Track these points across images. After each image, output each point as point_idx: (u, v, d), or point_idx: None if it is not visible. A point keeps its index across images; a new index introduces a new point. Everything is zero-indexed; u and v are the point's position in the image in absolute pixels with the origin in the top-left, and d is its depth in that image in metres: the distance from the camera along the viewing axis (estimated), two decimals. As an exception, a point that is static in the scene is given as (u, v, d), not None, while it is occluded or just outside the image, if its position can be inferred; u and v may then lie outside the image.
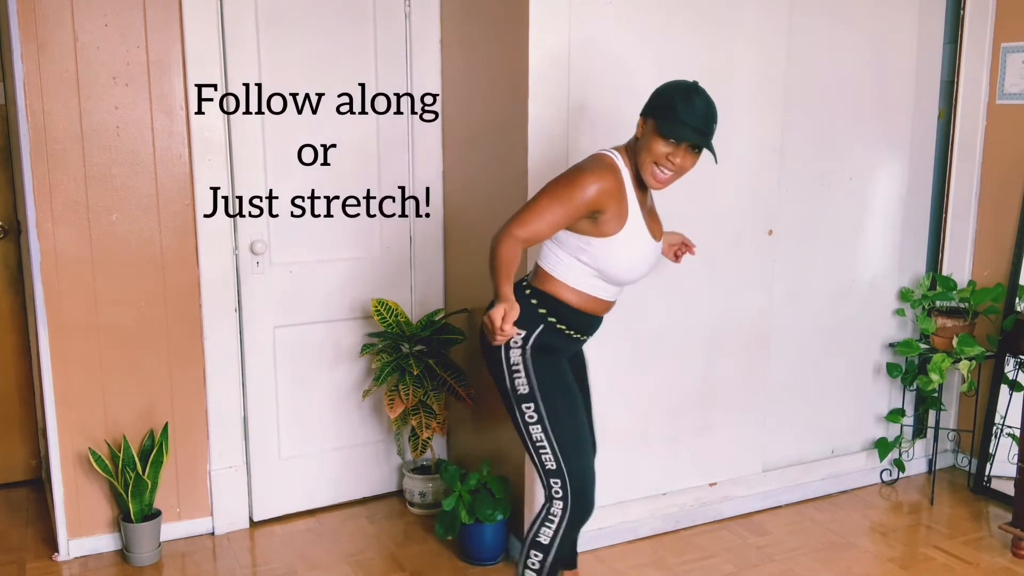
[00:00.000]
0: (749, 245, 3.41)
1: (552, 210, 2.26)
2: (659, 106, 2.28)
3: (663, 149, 2.26)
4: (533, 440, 2.38)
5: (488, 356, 2.44)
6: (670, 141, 2.25)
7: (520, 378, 2.38)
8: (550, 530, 2.38)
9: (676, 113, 2.23)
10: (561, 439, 2.37)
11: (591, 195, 2.26)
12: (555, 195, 2.27)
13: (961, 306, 3.70)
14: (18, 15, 2.86)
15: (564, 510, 2.37)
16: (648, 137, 2.28)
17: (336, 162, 3.41)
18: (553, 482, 2.38)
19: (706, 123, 2.26)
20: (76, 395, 3.13)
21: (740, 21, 3.24)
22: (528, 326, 2.37)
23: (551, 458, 2.37)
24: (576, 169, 2.31)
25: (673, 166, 2.28)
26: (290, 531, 3.44)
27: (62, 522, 3.17)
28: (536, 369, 2.37)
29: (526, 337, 2.37)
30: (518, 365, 2.38)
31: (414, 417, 3.40)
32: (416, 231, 3.62)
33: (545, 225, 2.26)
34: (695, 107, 2.24)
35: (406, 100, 3.49)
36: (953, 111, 3.86)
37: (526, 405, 2.38)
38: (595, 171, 2.28)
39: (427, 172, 3.58)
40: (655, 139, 2.27)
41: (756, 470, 3.62)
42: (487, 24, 3.16)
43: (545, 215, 2.26)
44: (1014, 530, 3.25)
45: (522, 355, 2.37)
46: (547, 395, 2.37)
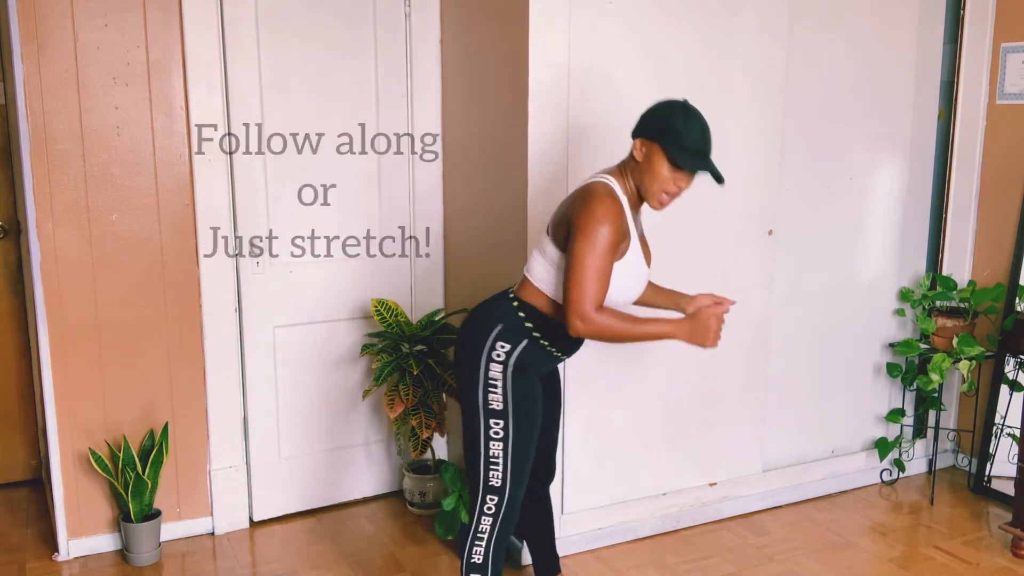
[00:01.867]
0: (749, 245, 3.41)
1: (598, 268, 2.21)
2: (661, 131, 2.24)
3: (672, 179, 2.25)
4: (488, 455, 2.36)
5: (463, 366, 2.39)
6: (681, 171, 2.24)
7: (495, 394, 2.34)
8: (480, 547, 2.40)
9: (682, 139, 2.22)
10: (516, 461, 2.36)
11: (615, 235, 2.22)
12: (591, 255, 2.20)
13: (961, 306, 3.70)
14: (18, 15, 2.86)
15: (494, 527, 2.39)
16: (654, 163, 2.25)
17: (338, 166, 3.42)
18: (490, 498, 2.38)
19: (709, 146, 2.27)
20: (76, 395, 3.13)
21: (740, 21, 3.24)
22: (513, 340, 2.34)
23: (499, 476, 2.36)
24: (589, 215, 2.22)
25: (679, 191, 2.29)
26: (290, 531, 3.44)
27: (62, 522, 3.17)
28: (514, 388, 2.34)
29: (510, 352, 2.33)
30: (496, 381, 2.34)
31: (414, 417, 3.40)
32: (416, 231, 3.62)
33: (601, 284, 2.22)
34: (697, 131, 2.23)
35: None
36: (953, 111, 3.86)
37: (495, 421, 2.34)
38: (608, 211, 2.22)
39: (427, 173, 3.58)
40: (663, 166, 2.24)
41: (756, 470, 3.62)
42: (487, 24, 3.16)
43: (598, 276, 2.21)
44: (1014, 530, 3.25)
45: (503, 371, 2.33)
46: (519, 417, 2.35)
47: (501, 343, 2.33)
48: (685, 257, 3.27)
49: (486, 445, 2.36)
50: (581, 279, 2.20)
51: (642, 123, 2.30)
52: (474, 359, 2.35)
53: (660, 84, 3.14)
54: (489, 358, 2.34)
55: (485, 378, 2.34)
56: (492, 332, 2.35)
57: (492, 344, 2.34)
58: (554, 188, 2.99)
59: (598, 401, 3.20)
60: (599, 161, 3.06)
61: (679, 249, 3.25)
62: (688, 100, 2.31)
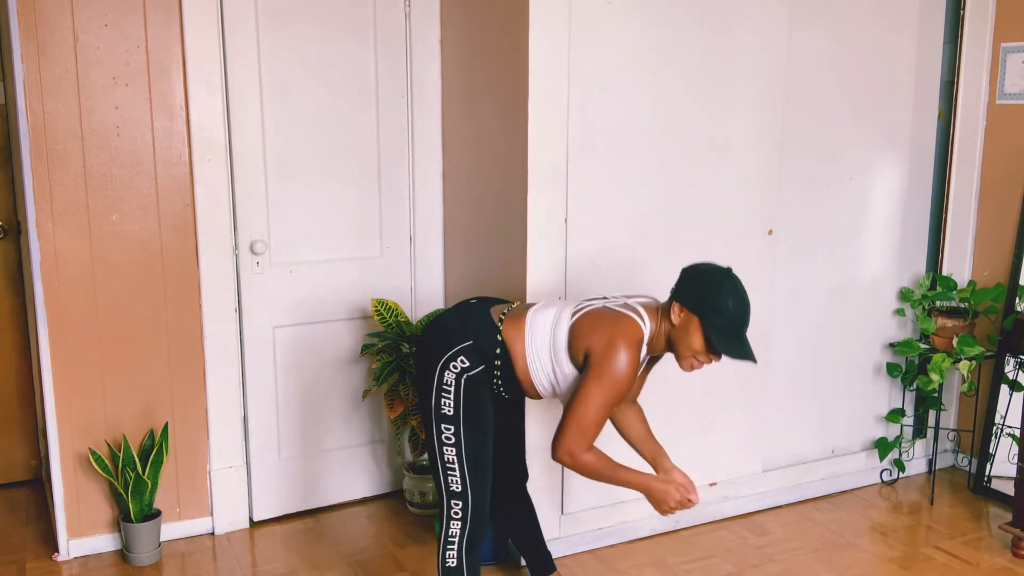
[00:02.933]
0: (749, 245, 3.41)
1: (602, 414, 2.26)
2: (701, 306, 2.26)
3: (703, 350, 2.28)
4: (444, 460, 2.39)
5: (421, 367, 2.43)
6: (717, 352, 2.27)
7: (447, 399, 2.37)
8: (453, 550, 2.42)
9: (721, 320, 2.24)
10: (472, 465, 2.39)
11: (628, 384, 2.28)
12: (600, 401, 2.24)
13: (961, 306, 3.70)
14: (18, 15, 2.86)
15: (463, 530, 2.41)
16: (691, 334, 2.27)
17: (337, 165, 3.42)
18: (454, 503, 2.41)
19: (747, 326, 2.30)
20: (76, 395, 3.13)
21: (741, 20, 3.24)
22: (473, 363, 2.36)
23: (458, 480, 2.39)
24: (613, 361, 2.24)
25: (709, 362, 2.32)
26: (290, 531, 3.44)
27: (62, 522, 3.17)
28: (465, 398, 2.37)
29: (466, 369, 2.36)
30: (449, 387, 2.37)
31: (414, 417, 3.40)
32: (416, 231, 3.62)
33: (599, 428, 2.27)
34: (738, 311, 2.26)
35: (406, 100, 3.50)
36: (953, 111, 3.86)
37: (446, 426, 2.38)
38: (630, 362, 2.25)
39: (427, 173, 3.59)
40: (698, 340, 2.27)
41: (756, 470, 3.62)
42: (487, 24, 3.16)
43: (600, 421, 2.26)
44: (1014, 530, 3.25)
45: (456, 380, 2.37)
46: (468, 423, 2.38)
47: (463, 358, 2.36)
48: (685, 257, 3.27)
49: (440, 450, 2.39)
50: (583, 421, 2.25)
51: (683, 288, 2.32)
52: (432, 361, 2.39)
53: (660, 84, 3.14)
54: (446, 365, 2.37)
55: (439, 382, 2.37)
56: (459, 344, 2.37)
57: (454, 354, 2.37)
58: (554, 187, 2.99)
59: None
60: (599, 160, 3.07)
61: (679, 249, 3.25)
62: (732, 270, 2.33)
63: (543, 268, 3.01)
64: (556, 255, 3.03)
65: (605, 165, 3.10)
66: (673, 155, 3.21)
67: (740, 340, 2.28)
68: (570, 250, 3.04)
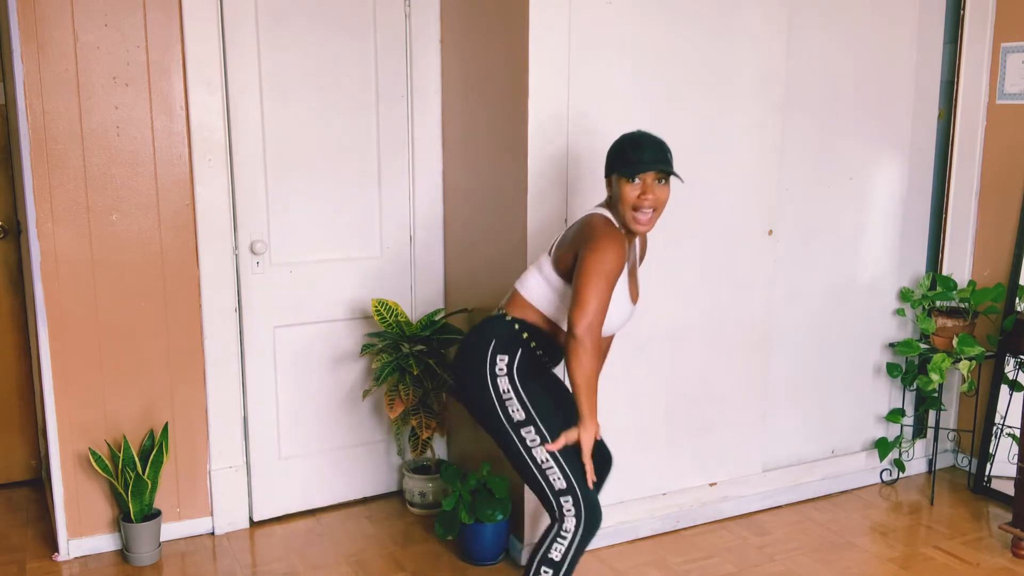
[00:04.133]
0: (749, 245, 3.41)
1: (604, 291, 2.29)
2: (614, 160, 2.41)
3: (633, 192, 2.36)
4: (539, 462, 2.38)
5: (473, 392, 2.44)
6: (635, 181, 2.35)
7: (513, 404, 2.39)
8: (562, 546, 2.38)
9: (629, 156, 2.36)
10: (566, 455, 2.38)
11: (621, 262, 2.33)
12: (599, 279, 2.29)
13: (961, 306, 3.70)
14: (18, 15, 2.86)
15: (578, 525, 2.37)
16: (617, 189, 2.39)
17: (338, 162, 3.42)
18: (564, 500, 2.38)
19: (659, 151, 2.37)
20: (76, 395, 3.13)
21: (740, 21, 3.24)
22: (509, 351, 2.42)
23: (559, 476, 2.37)
24: (599, 241, 2.33)
25: (648, 201, 2.36)
26: (290, 531, 3.44)
27: (62, 522, 3.17)
28: (527, 392, 2.40)
29: (510, 363, 2.41)
30: (508, 392, 2.39)
31: (414, 417, 3.40)
32: (416, 231, 3.62)
33: (607, 305, 2.31)
34: (644, 145, 2.37)
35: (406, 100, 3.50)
36: (953, 111, 3.86)
37: (525, 430, 2.38)
38: (613, 240, 2.33)
39: (427, 173, 3.59)
40: (623, 186, 2.37)
41: (756, 470, 3.62)
42: (487, 24, 3.16)
43: (602, 299, 2.29)
44: (1014, 530, 3.25)
45: (511, 381, 2.40)
46: (543, 415, 2.40)
47: (500, 356, 2.41)
48: (685, 257, 3.28)
49: (530, 455, 2.38)
50: (591, 298, 2.28)
51: (605, 164, 2.46)
52: (480, 381, 2.41)
53: (660, 83, 3.14)
54: (494, 374, 2.40)
55: (497, 394, 2.40)
56: (488, 349, 2.42)
57: (492, 360, 2.41)
58: (554, 186, 2.99)
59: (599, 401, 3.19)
60: (599, 160, 3.06)
61: (679, 248, 3.25)
62: (639, 130, 2.46)
63: (543, 268, 3.01)
64: (556, 255, 3.03)
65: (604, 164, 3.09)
66: (673, 154, 3.20)
67: (647, 160, 2.34)
68: (570, 250, 3.04)
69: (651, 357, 3.29)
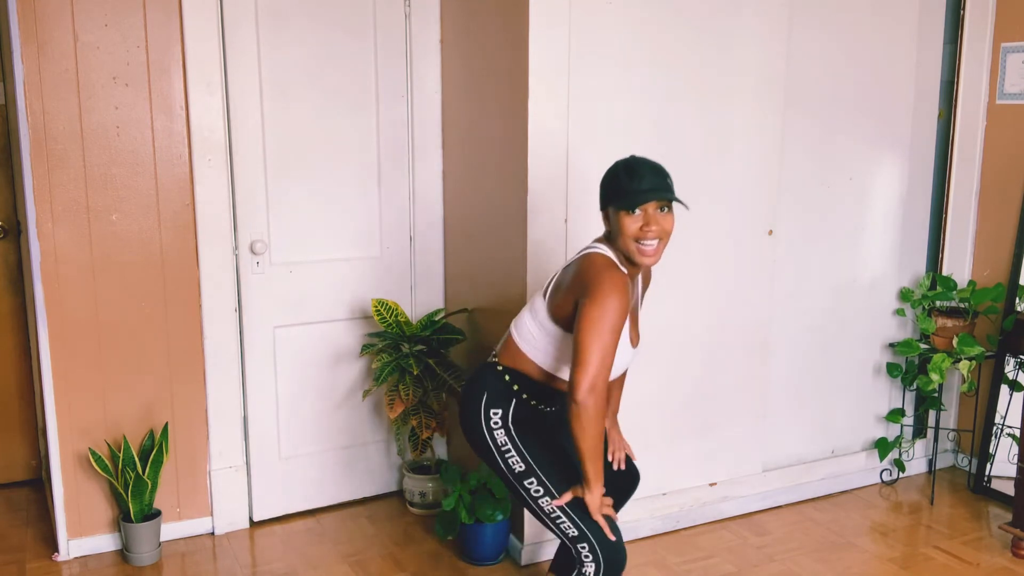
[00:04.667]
0: (749, 245, 3.41)
1: (609, 347, 2.15)
2: (610, 191, 2.26)
3: (634, 224, 2.21)
4: (547, 512, 2.32)
5: (476, 444, 2.40)
6: (636, 213, 2.20)
7: (512, 457, 2.33)
8: None
9: (626, 186, 2.21)
10: (575, 504, 2.30)
11: (625, 306, 2.19)
12: (602, 334, 2.14)
13: (961, 306, 3.70)
14: (18, 15, 2.86)
15: (598, 570, 2.29)
16: (616, 223, 2.24)
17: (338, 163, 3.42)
18: (580, 547, 2.30)
19: (658, 177, 2.23)
20: (76, 395, 3.13)
21: (741, 22, 3.24)
22: (502, 405, 2.35)
23: (570, 525, 2.30)
24: (598, 290, 2.17)
25: (652, 232, 2.21)
26: (290, 531, 3.44)
27: (62, 522, 3.17)
28: (524, 443, 2.34)
29: (504, 416, 2.34)
30: (507, 445, 2.34)
31: (414, 417, 3.40)
32: (416, 231, 3.62)
33: (608, 366, 2.17)
34: (641, 172, 2.21)
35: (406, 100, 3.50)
36: (953, 111, 3.86)
37: (528, 481, 2.33)
38: (616, 282, 2.18)
39: (427, 173, 3.58)
40: (622, 219, 2.22)
41: (756, 470, 3.62)
42: (487, 24, 3.16)
43: (606, 356, 2.15)
44: (1014, 530, 3.25)
45: (507, 434, 2.34)
46: (545, 466, 2.32)
47: (493, 410, 2.35)
48: (686, 256, 3.27)
49: (538, 505, 2.33)
50: (593, 358, 2.14)
51: (600, 196, 2.31)
52: (479, 434, 2.37)
53: (660, 83, 3.14)
54: (489, 428, 2.35)
55: (496, 447, 2.35)
56: (481, 403, 2.36)
57: (486, 414, 2.36)
58: (554, 187, 2.99)
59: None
60: (599, 160, 3.06)
61: (680, 248, 3.24)
62: (633, 155, 2.30)
63: (543, 269, 3.01)
64: (556, 255, 3.03)
65: (606, 165, 3.09)
66: (673, 155, 3.20)
67: (645, 190, 2.19)
68: (570, 250, 3.04)
69: (651, 357, 3.29)
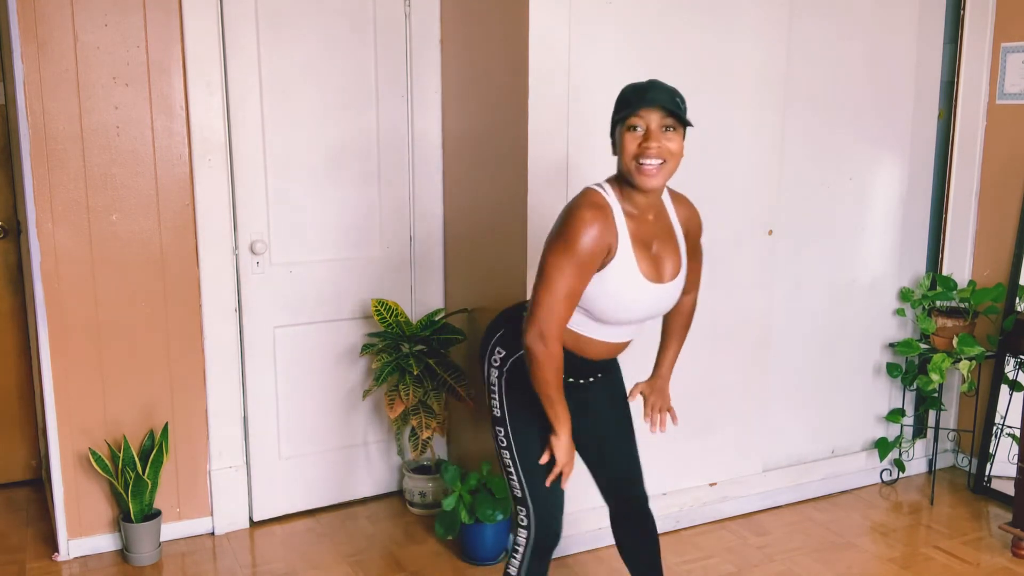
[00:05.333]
0: (749, 245, 3.41)
1: (560, 289, 2.03)
2: (616, 110, 2.12)
3: (635, 142, 2.05)
4: (503, 464, 2.29)
5: (480, 372, 2.36)
6: (636, 130, 2.04)
7: (495, 399, 2.28)
8: (516, 559, 2.29)
9: (629, 97, 2.07)
10: (527, 467, 2.25)
11: (593, 245, 2.03)
12: (558, 265, 2.03)
13: (961, 306, 3.70)
14: (18, 15, 2.86)
15: (528, 538, 2.27)
16: (620, 144, 2.10)
17: (338, 162, 3.42)
18: (519, 509, 2.29)
19: (666, 95, 2.04)
20: (76, 395, 3.13)
21: (740, 21, 3.24)
22: (509, 348, 2.25)
23: (517, 485, 2.27)
24: (560, 224, 2.07)
25: (652, 150, 2.02)
26: (290, 531, 3.44)
27: (62, 522, 3.17)
28: (509, 394, 2.26)
29: (504, 359, 2.25)
30: (495, 386, 2.28)
31: (414, 417, 3.40)
32: (416, 231, 3.62)
33: (565, 305, 2.04)
34: (647, 86, 2.06)
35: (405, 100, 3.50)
36: (953, 111, 3.86)
37: (498, 428, 2.28)
38: (585, 216, 2.04)
39: (427, 173, 3.59)
40: (624, 138, 2.07)
41: (756, 470, 3.62)
42: (487, 24, 3.16)
43: (556, 299, 2.03)
44: (1014, 530, 3.25)
45: (499, 376, 2.26)
46: (517, 422, 2.25)
47: (499, 349, 2.28)
48: (685, 257, 3.27)
49: (499, 453, 2.30)
50: (541, 300, 2.04)
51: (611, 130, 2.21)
52: (481, 364, 2.33)
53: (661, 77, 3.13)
54: (489, 362, 2.30)
55: (487, 382, 2.31)
56: (494, 337, 2.30)
57: (492, 350, 2.29)
58: (554, 187, 2.99)
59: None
60: (599, 160, 3.06)
61: (679, 249, 3.25)
62: None
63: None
64: (556, 255, 3.02)
65: (605, 164, 3.09)
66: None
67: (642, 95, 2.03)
68: (570, 250, 3.04)
69: (651, 357, 3.28)
